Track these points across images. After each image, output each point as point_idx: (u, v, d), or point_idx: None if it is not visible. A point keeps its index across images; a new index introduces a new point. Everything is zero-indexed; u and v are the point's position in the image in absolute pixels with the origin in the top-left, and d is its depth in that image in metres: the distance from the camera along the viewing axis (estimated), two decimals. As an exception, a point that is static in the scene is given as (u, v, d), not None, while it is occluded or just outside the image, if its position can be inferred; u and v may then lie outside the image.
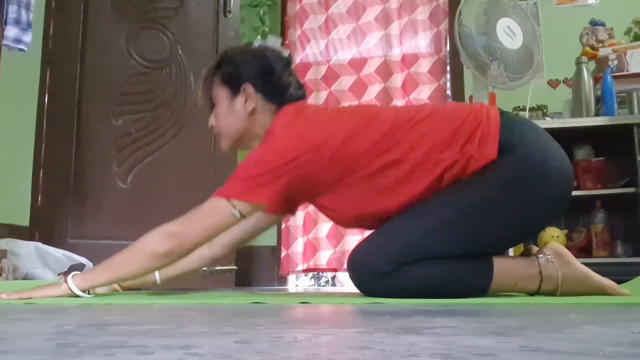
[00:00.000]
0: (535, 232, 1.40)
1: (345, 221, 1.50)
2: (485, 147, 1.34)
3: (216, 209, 1.31)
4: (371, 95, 3.36)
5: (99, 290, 1.41)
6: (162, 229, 1.31)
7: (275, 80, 1.45)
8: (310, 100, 3.45)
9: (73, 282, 1.29)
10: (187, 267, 1.53)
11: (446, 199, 1.36)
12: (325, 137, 1.34)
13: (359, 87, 3.39)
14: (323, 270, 3.45)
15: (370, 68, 3.40)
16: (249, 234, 1.58)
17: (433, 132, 1.36)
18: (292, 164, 1.31)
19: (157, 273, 1.50)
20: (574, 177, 1.41)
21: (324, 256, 3.31)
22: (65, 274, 1.32)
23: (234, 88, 1.45)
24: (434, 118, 1.38)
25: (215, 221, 1.31)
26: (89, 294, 1.33)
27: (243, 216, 1.31)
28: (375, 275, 1.33)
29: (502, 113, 1.41)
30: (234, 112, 1.45)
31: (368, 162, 1.35)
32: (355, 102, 3.37)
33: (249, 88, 1.43)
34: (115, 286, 1.50)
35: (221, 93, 1.47)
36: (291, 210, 1.52)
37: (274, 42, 1.51)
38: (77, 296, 1.28)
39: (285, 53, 1.51)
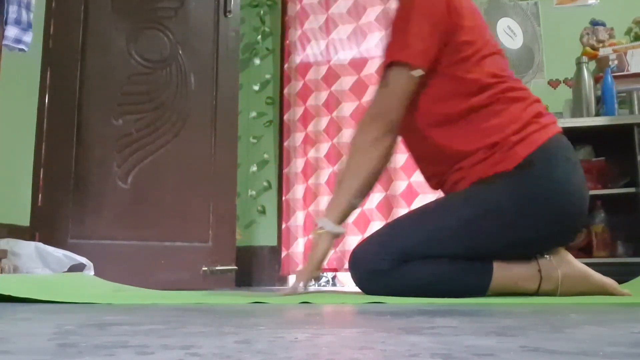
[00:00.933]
0: (538, 248, 1.40)
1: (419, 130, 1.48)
2: (518, 147, 1.35)
3: (392, 77, 1.39)
4: (372, 95, 3.36)
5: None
6: (364, 119, 1.41)
7: None
8: (311, 100, 3.45)
9: (326, 223, 1.34)
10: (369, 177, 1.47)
11: (453, 204, 1.36)
12: (470, 18, 1.41)
13: (360, 88, 3.39)
14: (324, 270, 3.45)
15: (370, 68, 3.40)
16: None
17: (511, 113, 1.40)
18: (436, 9, 1.37)
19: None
20: (587, 211, 1.44)
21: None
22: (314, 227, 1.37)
23: None
24: (521, 106, 1.42)
25: (400, 86, 1.39)
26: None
27: (420, 73, 1.37)
28: (375, 272, 1.33)
29: (559, 135, 1.42)
30: None
31: (473, 73, 1.40)
32: (356, 103, 3.37)
33: None
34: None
35: None
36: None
37: None
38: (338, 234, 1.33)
39: None
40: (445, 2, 1.39)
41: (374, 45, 3.43)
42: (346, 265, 1.48)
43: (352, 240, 3.16)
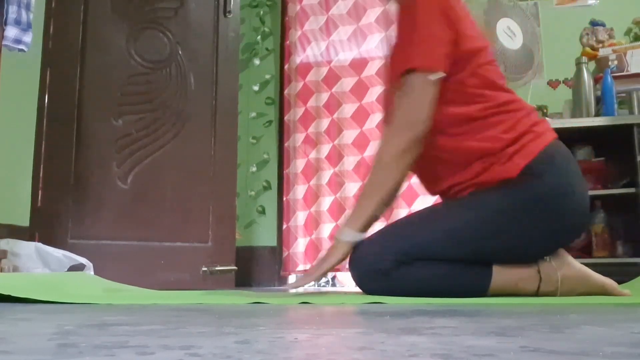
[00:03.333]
0: (539, 255, 1.40)
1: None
2: (517, 157, 1.35)
3: (416, 85, 1.35)
4: (372, 97, 3.37)
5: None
6: (391, 130, 1.36)
7: None
8: (311, 102, 3.45)
9: (347, 233, 1.31)
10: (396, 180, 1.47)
11: (455, 208, 1.37)
12: (466, 19, 1.41)
13: (360, 89, 3.39)
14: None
15: (371, 70, 3.40)
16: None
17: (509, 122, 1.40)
18: (442, 8, 1.36)
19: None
20: (589, 219, 1.44)
21: (326, 256, 3.31)
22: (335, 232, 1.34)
23: None
24: (517, 115, 1.42)
25: (425, 93, 1.35)
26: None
27: (440, 75, 1.35)
28: (376, 272, 1.33)
29: (555, 141, 1.42)
30: None
31: (465, 87, 1.39)
32: (357, 104, 3.37)
33: None
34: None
35: None
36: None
37: None
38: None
39: None
40: (448, 7, 1.39)
41: (375, 46, 3.43)
42: (347, 265, 1.48)
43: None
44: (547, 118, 2.96)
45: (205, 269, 2.73)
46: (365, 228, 1.36)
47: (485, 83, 1.40)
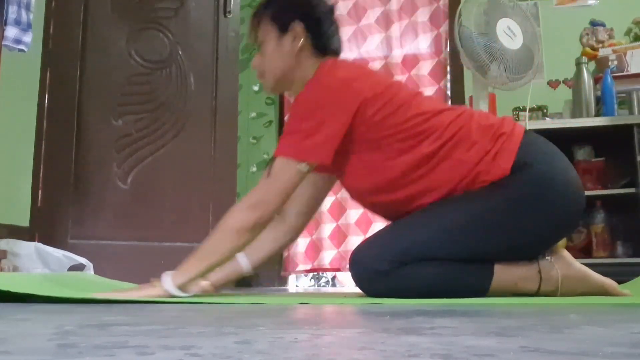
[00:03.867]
0: (542, 248, 1.40)
1: (362, 191, 1.48)
2: (500, 160, 1.34)
3: (283, 168, 1.34)
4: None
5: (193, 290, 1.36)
6: (241, 204, 1.35)
7: (322, 24, 1.47)
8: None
9: (167, 281, 1.27)
10: (271, 248, 1.58)
11: (454, 206, 1.36)
12: (369, 88, 1.36)
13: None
14: (326, 270, 3.45)
15: (371, 71, 3.40)
16: (314, 199, 1.61)
17: (467, 136, 1.37)
18: (339, 104, 1.33)
19: (245, 259, 1.54)
20: (584, 202, 1.43)
21: (327, 256, 3.31)
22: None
23: (283, 26, 1.45)
24: (471, 125, 1.39)
25: (286, 179, 1.33)
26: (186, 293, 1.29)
27: (309, 168, 1.34)
28: (376, 273, 1.33)
29: (527, 132, 1.41)
30: (281, 50, 1.45)
31: (402, 132, 1.36)
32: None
33: (298, 27, 1.44)
34: (207, 286, 1.47)
35: (269, 31, 1.47)
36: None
37: None
38: (174, 296, 1.25)
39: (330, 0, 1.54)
40: (346, 88, 1.36)
41: (375, 47, 3.43)
42: (347, 266, 1.48)
43: (354, 241, 3.16)
44: (547, 118, 2.96)
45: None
46: (186, 286, 1.29)
47: (421, 116, 1.37)
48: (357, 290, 1.45)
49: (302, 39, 1.44)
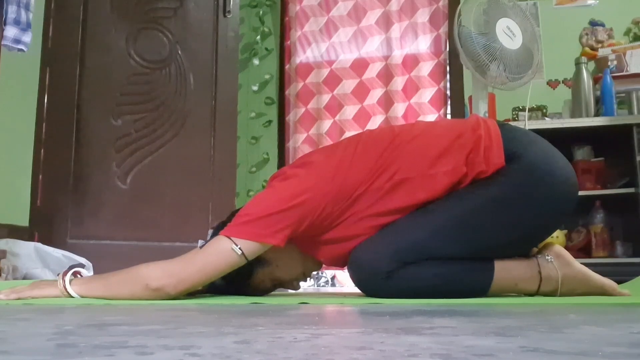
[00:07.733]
0: (540, 237, 1.40)
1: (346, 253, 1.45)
2: (492, 157, 1.34)
3: (217, 248, 1.26)
4: (373, 99, 3.37)
5: None
6: (164, 264, 1.28)
7: None
8: (312, 103, 3.45)
9: (72, 287, 1.24)
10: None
11: (451, 202, 1.36)
12: (317, 177, 1.32)
13: (361, 91, 3.40)
14: (323, 269, 3.45)
15: (372, 72, 3.40)
16: None
17: (429, 147, 1.35)
18: (294, 202, 1.28)
19: None
20: (578, 184, 1.42)
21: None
22: (65, 273, 1.28)
23: None
24: (428, 134, 1.38)
25: (214, 259, 1.25)
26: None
27: (245, 257, 1.25)
28: (376, 274, 1.33)
29: (502, 125, 1.41)
30: None
31: (371, 185, 1.34)
32: (358, 106, 3.38)
33: None
34: None
35: None
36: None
37: None
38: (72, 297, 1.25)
39: None
40: (319, 188, 1.31)
41: (375, 48, 3.43)
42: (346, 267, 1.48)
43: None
44: (546, 118, 2.96)
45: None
46: (83, 295, 1.25)
47: (365, 178, 1.34)
48: (357, 290, 1.44)
49: None
